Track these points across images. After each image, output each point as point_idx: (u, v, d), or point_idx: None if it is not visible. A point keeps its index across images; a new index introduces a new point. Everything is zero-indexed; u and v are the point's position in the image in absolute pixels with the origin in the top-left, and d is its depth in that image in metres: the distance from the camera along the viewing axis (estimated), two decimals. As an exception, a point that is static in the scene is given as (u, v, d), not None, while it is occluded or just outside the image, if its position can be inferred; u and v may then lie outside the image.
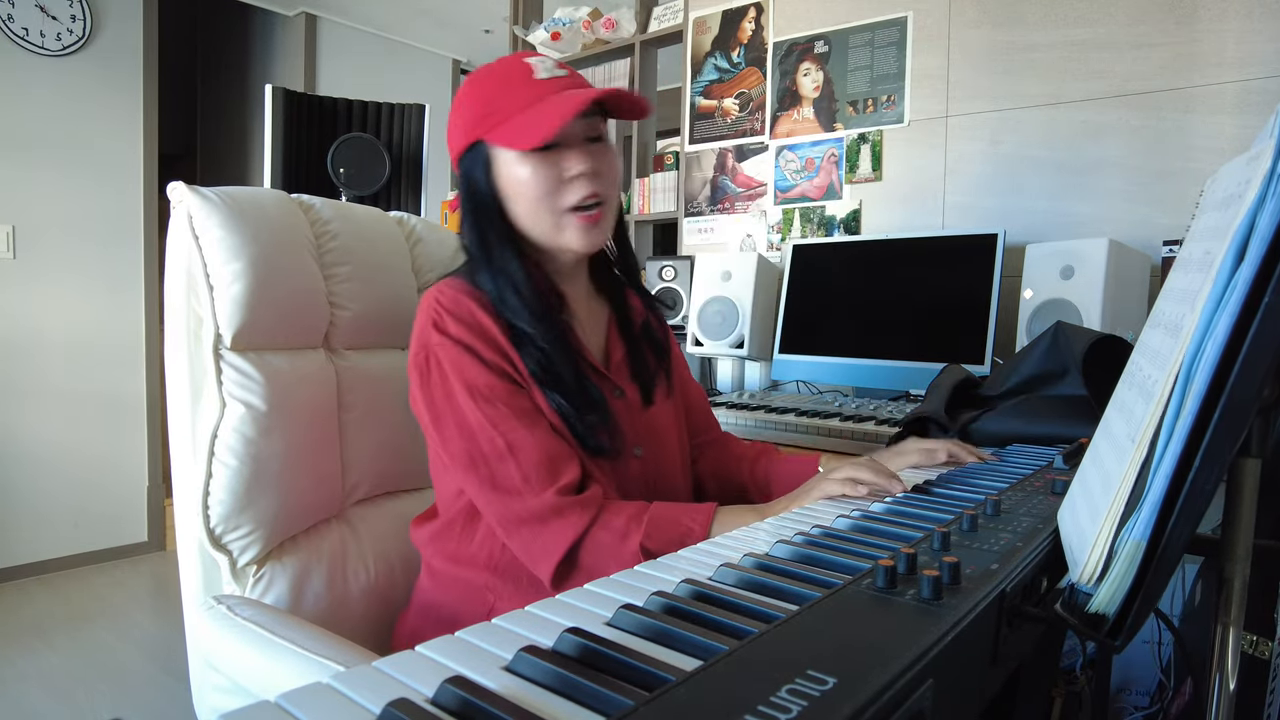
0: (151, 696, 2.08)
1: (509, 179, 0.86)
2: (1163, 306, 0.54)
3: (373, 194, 2.51)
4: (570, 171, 0.86)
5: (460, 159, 0.89)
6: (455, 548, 0.90)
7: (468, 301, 0.85)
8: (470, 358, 0.82)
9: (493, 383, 0.82)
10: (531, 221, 0.87)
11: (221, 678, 0.81)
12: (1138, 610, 0.43)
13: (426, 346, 0.84)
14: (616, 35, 2.83)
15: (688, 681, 0.32)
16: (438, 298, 0.86)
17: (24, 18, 2.87)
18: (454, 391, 0.82)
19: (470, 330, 0.83)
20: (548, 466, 0.80)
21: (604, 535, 0.78)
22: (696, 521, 0.79)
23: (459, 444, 0.82)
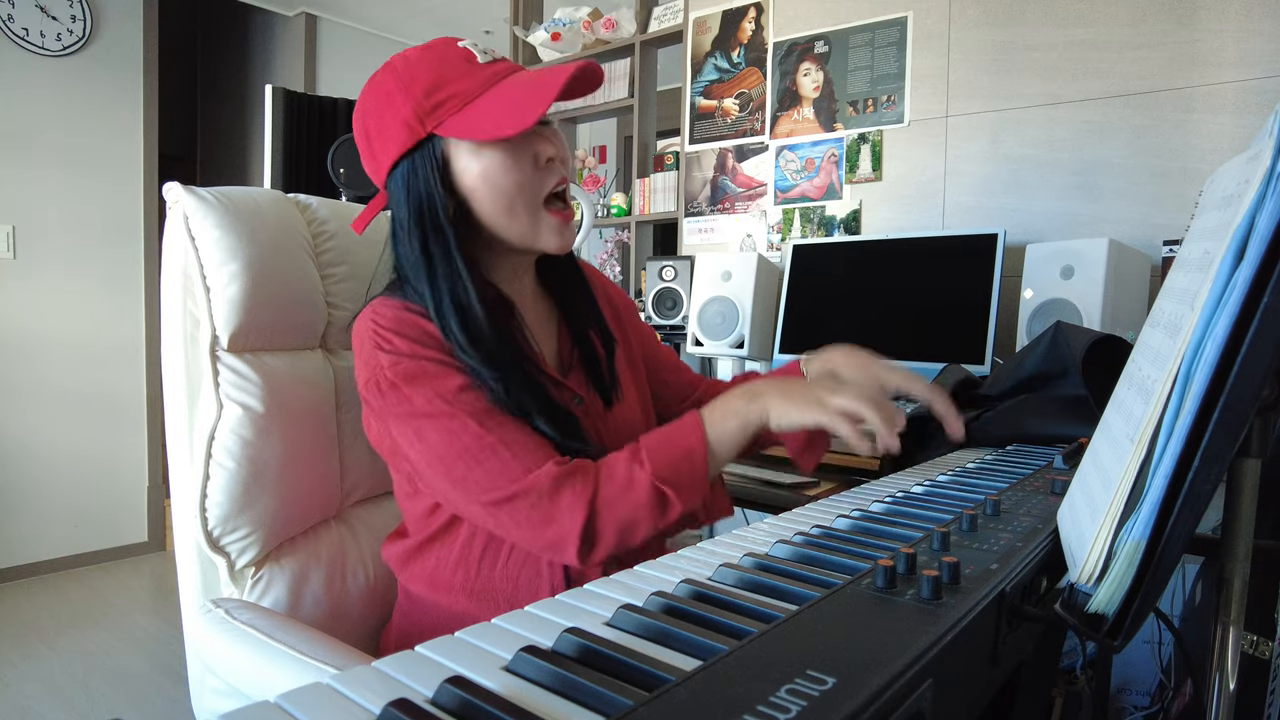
0: (151, 697, 2.08)
1: (473, 174, 0.77)
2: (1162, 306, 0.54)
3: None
4: (543, 156, 0.79)
5: (398, 164, 0.78)
6: (431, 569, 0.85)
7: (410, 316, 0.77)
8: (432, 366, 0.75)
9: (464, 382, 0.75)
10: (503, 218, 0.79)
11: (219, 681, 0.81)
12: (1137, 610, 0.43)
13: (375, 372, 0.76)
14: (616, 35, 2.83)
15: (687, 681, 0.32)
16: (374, 319, 0.77)
17: (24, 18, 2.87)
18: (420, 403, 0.74)
19: (422, 344, 0.76)
20: (545, 450, 0.74)
21: (611, 488, 0.72)
22: (690, 435, 0.74)
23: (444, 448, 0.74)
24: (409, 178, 0.78)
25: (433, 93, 0.76)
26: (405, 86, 0.77)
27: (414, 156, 0.78)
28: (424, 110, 0.76)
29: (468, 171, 0.78)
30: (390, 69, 0.79)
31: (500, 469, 0.73)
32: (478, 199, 0.79)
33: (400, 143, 0.77)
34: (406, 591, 0.91)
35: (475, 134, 0.75)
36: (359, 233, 0.87)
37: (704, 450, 0.73)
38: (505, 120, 0.73)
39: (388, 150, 0.78)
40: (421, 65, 0.77)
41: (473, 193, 0.79)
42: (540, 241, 0.82)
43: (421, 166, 0.78)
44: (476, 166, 0.78)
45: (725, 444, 0.75)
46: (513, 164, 0.78)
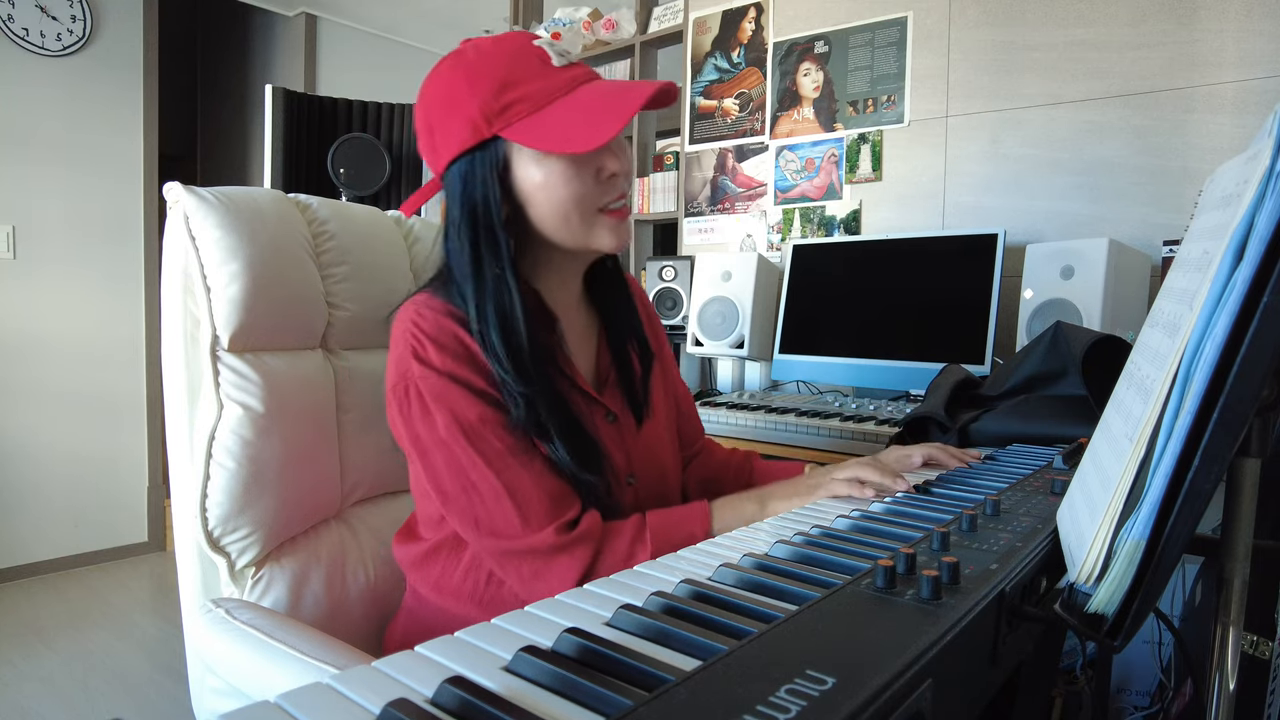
0: (151, 697, 2.08)
1: (532, 180, 0.76)
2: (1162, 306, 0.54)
3: (373, 194, 2.52)
4: (606, 171, 0.78)
5: (457, 159, 0.77)
6: (439, 575, 0.85)
7: (450, 324, 0.76)
8: (458, 389, 0.74)
9: (485, 413, 0.74)
10: (558, 223, 0.78)
11: (219, 681, 0.81)
12: (1137, 610, 0.43)
13: (406, 377, 0.76)
14: (616, 36, 2.83)
15: (687, 681, 0.32)
16: (416, 321, 0.76)
17: (24, 18, 2.87)
18: (439, 427, 0.74)
19: (456, 358, 0.75)
20: (547, 506, 0.74)
21: (610, 560, 0.74)
22: (697, 525, 0.77)
23: (448, 482, 0.75)
24: (467, 176, 0.76)
25: (502, 92, 0.73)
26: (474, 81, 0.74)
27: (474, 155, 0.76)
28: (492, 110, 0.73)
29: (528, 178, 0.76)
30: (460, 59, 0.76)
31: (502, 520, 0.74)
32: (534, 205, 0.78)
33: (462, 140, 0.75)
34: (415, 591, 0.91)
35: (544, 144, 0.73)
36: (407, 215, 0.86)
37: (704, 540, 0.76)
38: (577, 134, 0.72)
39: (449, 145, 0.76)
40: (493, 60, 0.75)
41: (530, 198, 0.77)
42: (595, 242, 0.80)
43: (481, 167, 0.76)
44: (538, 175, 0.76)
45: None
46: (575, 176, 0.76)
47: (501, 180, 0.76)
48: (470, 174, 0.76)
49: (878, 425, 1.48)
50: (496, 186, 0.76)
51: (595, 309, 0.94)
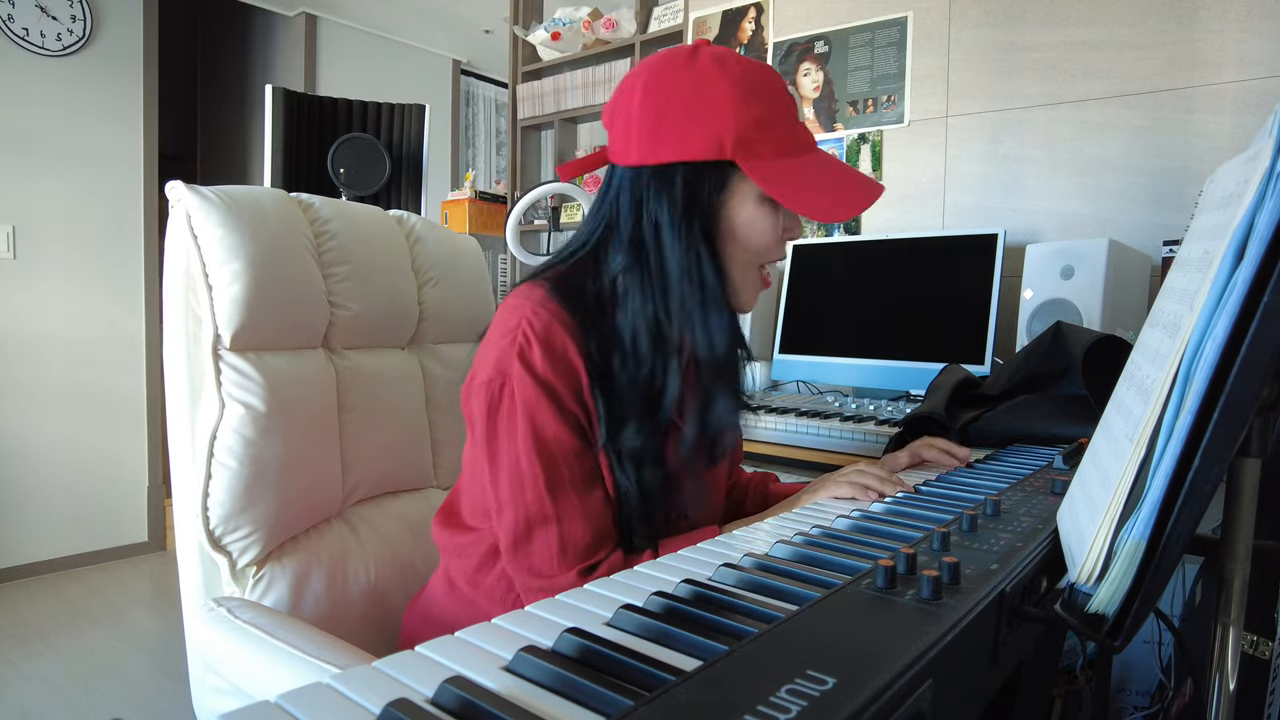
0: (151, 697, 2.08)
1: (741, 217, 0.76)
2: (1162, 306, 0.54)
3: (373, 194, 2.51)
4: (793, 234, 0.80)
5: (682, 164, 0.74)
6: (476, 569, 0.85)
7: (561, 332, 0.74)
8: (547, 403, 0.73)
9: (561, 436, 0.74)
10: (733, 263, 0.78)
11: (221, 680, 0.81)
12: (1137, 610, 0.43)
13: (505, 374, 0.74)
14: (616, 35, 2.83)
15: (687, 681, 0.32)
16: (530, 320, 0.74)
17: (24, 18, 2.87)
18: (519, 435, 0.74)
19: (557, 370, 0.74)
20: (585, 546, 0.75)
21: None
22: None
23: (507, 492, 0.75)
24: (690, 181, 0.74)
25: (762, 126, 0.73)
26: (741, 102, 0.72)
27: (702, 168, 0.74)
28: (746, 138, 0.73)
29: (739, 213, 0.76)
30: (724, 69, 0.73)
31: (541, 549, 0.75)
32: (726, 239, 0.77)
33: (699, 149, 0.73)
34: (448, 575, 0.89)
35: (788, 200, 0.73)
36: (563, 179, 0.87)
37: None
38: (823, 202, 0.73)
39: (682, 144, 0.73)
40: (762, 87, 0.74)
41: (729, 232, 0.77)
42: (739, 296, 0.81)
43: (709, 181, 0.75)
44: (750, 215, 0.76)
45: None
46: (772, 229, 0.78)
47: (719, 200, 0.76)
48: (696, 181, 0.75)
49: (878, 425, 1.48)
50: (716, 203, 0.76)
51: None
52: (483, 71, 4.91)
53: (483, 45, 4.50)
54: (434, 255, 1.22)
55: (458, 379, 1.23)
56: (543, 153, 3.31)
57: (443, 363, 1.23)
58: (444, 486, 1.22)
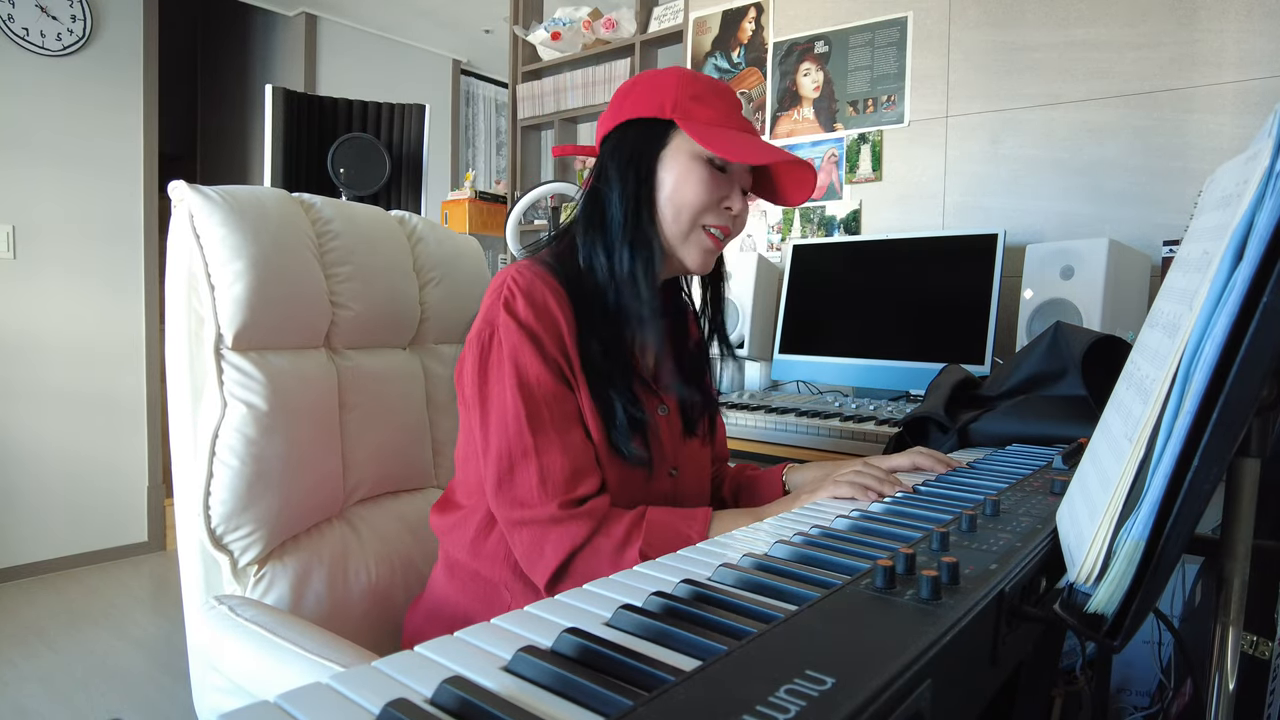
0: (151, 696, 2.08)
1: (677, 171, 0.87)
2: (1161, 306, 0.54)
3: (373, 194, 2.51)
4: (728, 203, 0.89)
5: (634, 124, 0.88)
6: (476, 539, 0.89)
7: (543, 288, 0.83)
8: (531, 346, 0.81)
9: (543, 378, 0.81)
10: (670, 215, 0.87)
11: (222, 678, 0.81)
12: (1137, 610, 0.43)
13: (492, 324, 0.83)
14: (616, 35, 2.83)
15: (687, 681, 0.32)
16: (514, 277, 0.84)
17: (24, 18, 2.87)
18: (505, 376, 0.81)
19: (539, 317, 0.82)
20: (565, 478, 0.80)
21: (604, 542, 0.78)
22: (694, 529, 0.79)
23: (493, 431, 0.81)
24: (636, 141, 0.88)
25: (697, 99, 0.87)
26: (683, 83, 0.88)
27: (646, 125, 0.88)
28: (681, 103, 0.86)
29: (673, 165, 0.87)
30: (686, 70, 0.91)
31: (524, 483, 0.80)
32: (663, 190, 0.87)
33: (645, 110, 0.87)
34: (448, 559, 0.93)
35: (702, 140, 0.84)
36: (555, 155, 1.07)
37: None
38: (735, 149, 0.83)
39: (636, 108, 0.88)
40: (707, 82, 0.90)
41: (663, 183, 0.87)
42: (684, 250, 0.89)
43: (650, 138, 0.88)
44: (682, 167, 0.87)
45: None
46: (705, 187, 0.87)
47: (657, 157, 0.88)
48: (640, 142, 0.88)
49: (878, 425, 1.48)
50: (652, 157, 0.88)
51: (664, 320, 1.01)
52: (483, 71, 4.91)
53: (483, 45, 4.50)
54: (435, 256, 1.22)
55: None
56: (543, 153, 3.31)
57: (444, 363, 1.23)
58: (444, 487, 1.22)
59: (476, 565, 0.89)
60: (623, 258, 0.86)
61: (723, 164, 0.87)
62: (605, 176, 0.89)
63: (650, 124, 0.88)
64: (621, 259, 0.86)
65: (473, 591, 0.90)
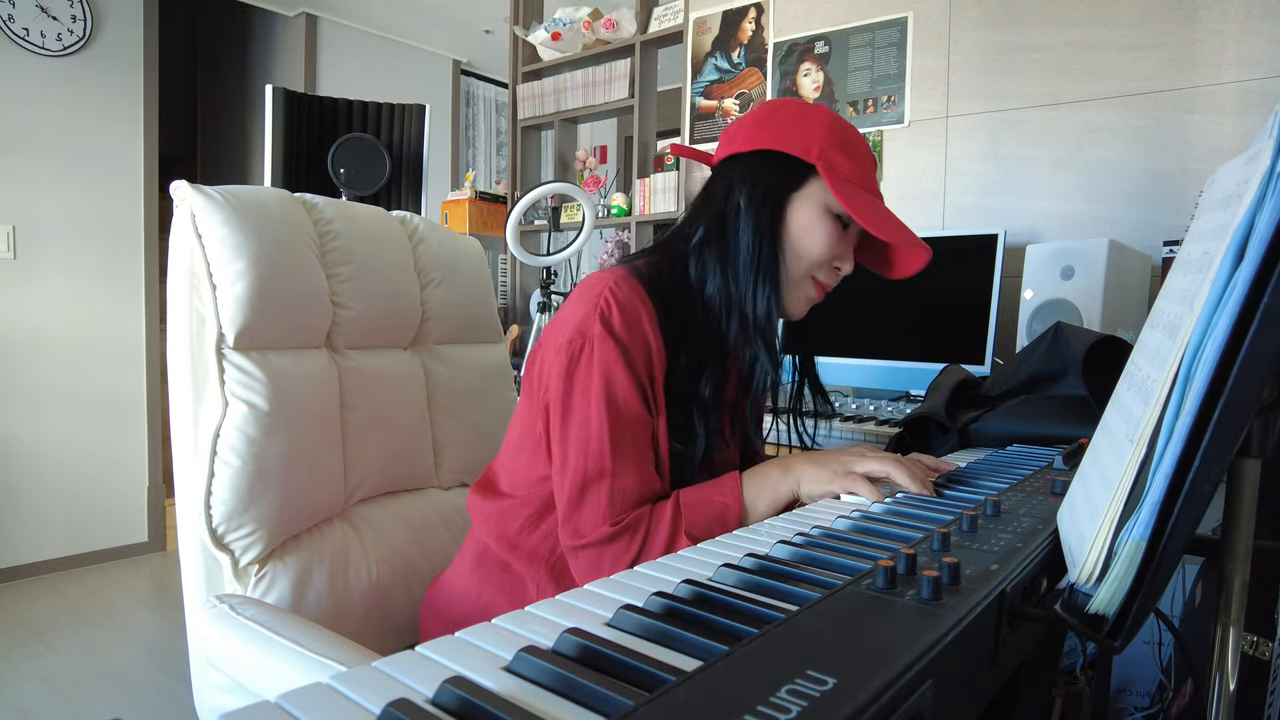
0: (151, 696, 2.08)
1: (806, 218, 0.86)
2: (1162, 306, 0.54)
3: (373, 194, 2.52)
4: (839, 262, 0.89)
5: (770, 154, 0.86)
6: (516, 533, 0.88)
7: (639, 306, 0.82)
8: (624, 365, 0.80)
9: (630, 397, 0.80)
10: (786, 261, 0.87)
11: (223, 677, 0.81)
12: (1137, 610, 0.43)
13: (585, 334, 0.80)
14: (617, 35, 2.83)
15: (687, 682, 0.32)
16: (612, 288, 0.81)
17: (24, 18, 2.87)
18: (594, 391, 0.79)
19: (633, 334, 0.81)
20: (633, 504, 0.80)
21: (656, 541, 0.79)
22: (728, 494, 0.80)
23: (574, 445, 0.80)
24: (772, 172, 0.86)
25: (845, 152, 0.85)
26: (833, 127, 0.86)
27: (787, 161, 0.85)
28: (828, 151, 0.84)
29: (803, 210, 0.86)
30: (832, 114, 0.89)
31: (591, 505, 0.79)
32: (786, 235, 0.86)
33: (788, 145, 0.85)
34: (480, 545, 0.92)
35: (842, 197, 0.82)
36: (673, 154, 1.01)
37: (738, 511, 0.80)
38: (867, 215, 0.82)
39: (776, 137, 0.85)
40: (852, 132, 0.88)
41: (790, 224, 0.86)
42: (788, 297, 0.89)
43: (788, 171, 0.86)
44: (810, 216, 0.86)
45: (757, 508, 0.81)
46: (828, 239, 0.86)
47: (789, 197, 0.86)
48: (776, 175, 0.86)
49: (878, 425, 1.48)
50: (788, 193, 0.86)
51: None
52: (483, 71, 4.91)
53: (483, 45, 4.50)
54: (436, 256, 1.22)
55: (460, 379, 1.24)
56: (543, 153, 3.31)
57: (445, 363, 1.23)
58: (445, 487, 1.22)
59: (510, 558, 0.88)
60: (748, 289, 0.85)
61: (848, 221, 0.86)
62: (734, 201, 0.86)
63: (791, 161, 0.85)
64: (747, 290, 0.85)
65: (499, 582, 0.89)
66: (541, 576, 0.87)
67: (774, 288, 0.85)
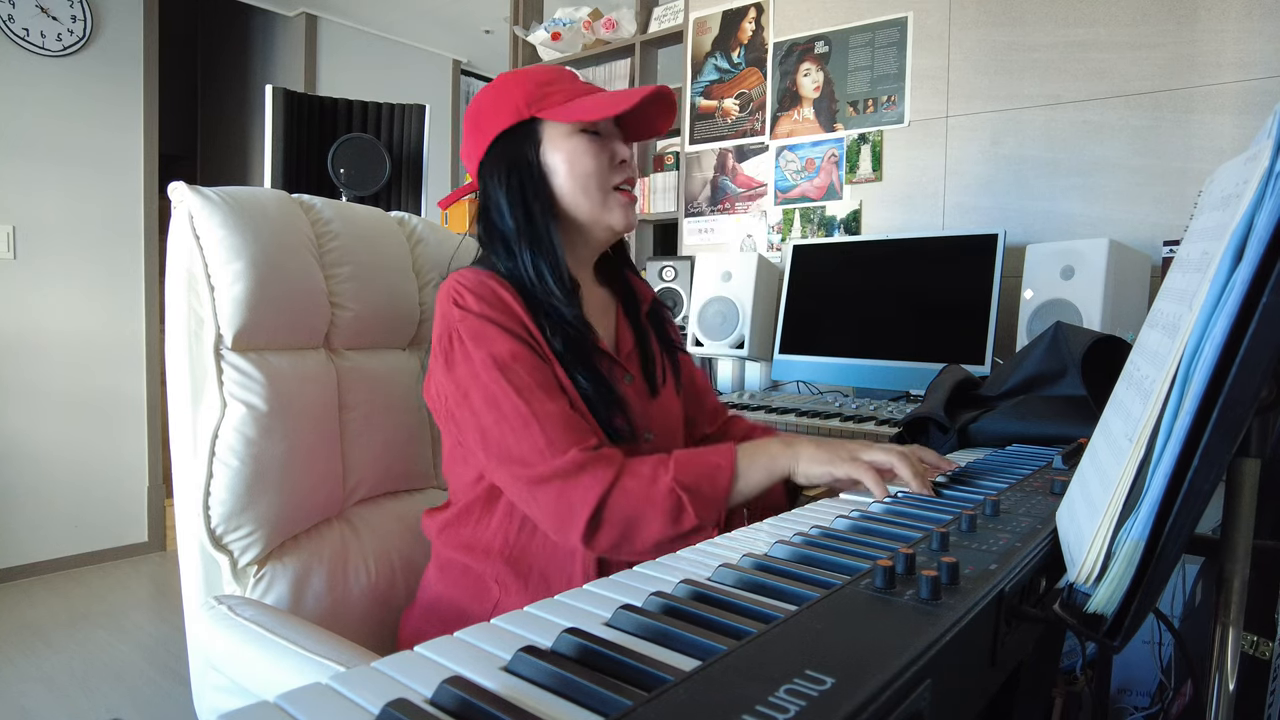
0: (151, 696, 2.08)
1: (561, 154, 0.90)
2: (1161, 306, 0.54)
3: (373, 194, 2.52)
4: (619, 156, 0.93)
5: (501, 138, 0.91)
6: (470, 534, 0.90)
7: (489, 281, 0.86)
8: (494, 328, 0.83)
9: (516, 350, 0.82)
10: (579, 196, 0.91)
11: (222, 678, 0.81)
12: (1136, 610, 0.43)
13: (449, 324, 0.84)
14: (617, 35, 2.83)
15: (686, 682, 0.32)
16: (457, 279, 0.87)
17: (24, 18, 2.87)
18: (477, 362, 0.82)
19: (492, 305, 0.85)
20: (570, 432, 0.80)
21: (632, 482, 0.77)
22: (722, 456, 0.80)
23: (485, 416, 0.81)
24: (509, 150, 0.91)
25: (544, 85, 0.91)
26: (522, 79, 0.92)
27: (515, 132, 0.91)
28: (534, 96, 0.90)
29: (556, 152, 0.91)
30: (513, 71, 0.95)
31: (530, 445, 0.79)
32: (559, 176, 0.91)
33: (506, 121, 0.91)
34: (439, 559, 0.94)
35: (570, 117, 0.88)
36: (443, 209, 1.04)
37: (730, 472, 0.79)
38: (596, 110, 0.88)
39: (496, 125, 0.91)
40: (539, 68, 0.94)
41: (556, 170, 0.91)
42: (608, 216, 0.93)
43: (523, 143, 0.91)
44: (565, 149, 0.90)
45: (751, 477, 0.80)
46: (592, 154, 0.91)
47: (539, 153, 0.91)
48: (513, 147, 0.91)
49: (878, 425, 1.48)
50: (535, 155, 0.91)
51: (609, 289, 1.04)
52: (483, 71, 4.91)
53: (483, 45, 4.50)
54: (435, 256, 1.22)
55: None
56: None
57: (443, 363, 1.23)
58: (444, 487, 1.22)
59: (467, 560, 0.90)
60: (525, 259, 0.88)
61: (594, 127, 0.91)
62: (488, 193, 0.92)
63: (515, 130, 0.91)
64: (525, 260, 0.88)
65: (463, 586, 0.90)
66: (499, 569, 0.87)
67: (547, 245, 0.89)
